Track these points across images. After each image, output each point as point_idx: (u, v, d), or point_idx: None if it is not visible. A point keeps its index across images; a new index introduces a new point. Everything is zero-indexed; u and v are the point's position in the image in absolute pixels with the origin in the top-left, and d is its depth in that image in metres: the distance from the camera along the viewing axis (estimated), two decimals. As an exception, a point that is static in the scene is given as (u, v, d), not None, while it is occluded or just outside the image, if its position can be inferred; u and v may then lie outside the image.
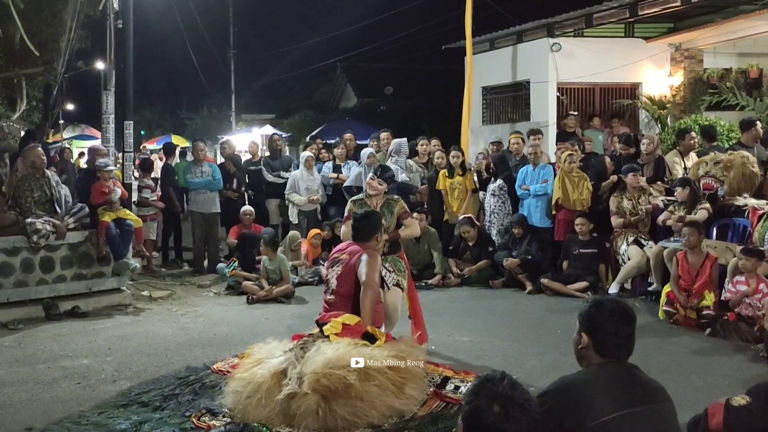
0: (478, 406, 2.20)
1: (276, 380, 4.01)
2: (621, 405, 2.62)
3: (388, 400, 3.94)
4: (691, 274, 7.01)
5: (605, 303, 2.89)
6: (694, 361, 5.81)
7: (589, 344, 2.84)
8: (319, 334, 4.35)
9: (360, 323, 4.48)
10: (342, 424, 3.83)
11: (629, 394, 2.69)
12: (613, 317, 2.81)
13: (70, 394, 5.04)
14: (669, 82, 14.05)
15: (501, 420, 2.15)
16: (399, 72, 28.13)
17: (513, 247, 9.15)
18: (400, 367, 4.09)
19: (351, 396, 3.84)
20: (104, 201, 8.15)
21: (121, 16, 10.58)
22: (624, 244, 8.32)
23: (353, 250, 5.06)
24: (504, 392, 2.21)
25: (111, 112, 10.73)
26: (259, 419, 3.93)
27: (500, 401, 2.18)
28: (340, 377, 3.85)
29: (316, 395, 3.84)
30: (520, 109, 15.19)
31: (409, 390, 4.09)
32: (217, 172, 10.42)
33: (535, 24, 14.59)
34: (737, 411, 3.01)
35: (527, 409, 2.19)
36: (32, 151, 7.97)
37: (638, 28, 14.28)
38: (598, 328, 2.81)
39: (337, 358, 4.00)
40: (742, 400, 3.04)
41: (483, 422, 2.18)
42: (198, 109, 35.98)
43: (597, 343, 2.82)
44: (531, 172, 9.46)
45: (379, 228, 5.23)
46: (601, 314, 2.83)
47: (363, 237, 5.17)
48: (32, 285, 7.57)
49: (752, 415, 2.97)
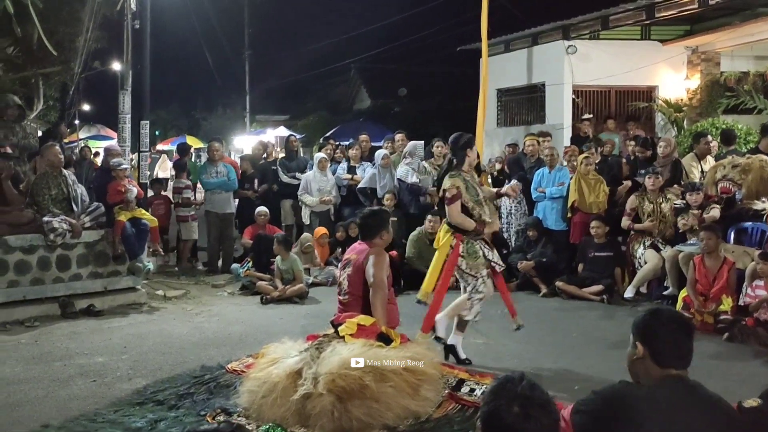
0: (498, 406, 2.19)
1: (291, 380, 4.01)
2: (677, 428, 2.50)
3: (403, 402, 3.92)
4: (708, 278, 6.95)
5: (663, 312, 2.74)
6: (712, 366, 5.75)
7: (646, 354, 2.67)
8: (334, 335, 4.34)
9: (375, 324, 4.47)
10: (357, 425, 3.81)
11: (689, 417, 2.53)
12: (672, 326, 2.65)
13: (86, 391, 5.06)
14: (685, 85, 13.95)
15: (520, 420, 2.13)
16: (413, 74, 28.12)
17: (528, 249, 9.12)
18: (415, 368, 4.08)
19: (366, 397, 3.83)
20: (120, 200, 8.21)
21: (138, 16, 10.65)
22: (640, 248, 8.27)
23: (361, 250, 5.04)
24: (523, 393, 2.19)
25: (127, 112, 10.80)
26: (274, 419, 3.92)
27: (519, 401, 2.16)
28: (355, 378, 3.84)
29: (332, 396, 3.83)
30: (535, 112, 15.13)
31: (425, 392, 4.07)
32: (232, 173, 10.45)
33: (550, 26, 14.53)
34: (748, 412, 2.97)
35: (547, 409, 2.17)
36: (50, 149, 8.03)
37: (655, 30, 14.19)
38: (656, 337, 2.64)
39: (351, 355, 3.99)
40: (754, 403, 3.00)
41: (502, 423, 2.16)
42: (212, 110, 36.20)
43: (655, 353, 2.65)
44: (547, 174, 9.42)
45: (385, 226, 5.08)
46: (659, 322, 2.66)
47: (368, 236, 5.05)
48: (48, 283, 7.62)
49: (764, 417, 2.94)
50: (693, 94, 13.79)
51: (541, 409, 2.16)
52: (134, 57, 10.77)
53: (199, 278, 9.66)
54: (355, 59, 29.69)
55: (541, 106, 14.85)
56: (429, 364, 4.22)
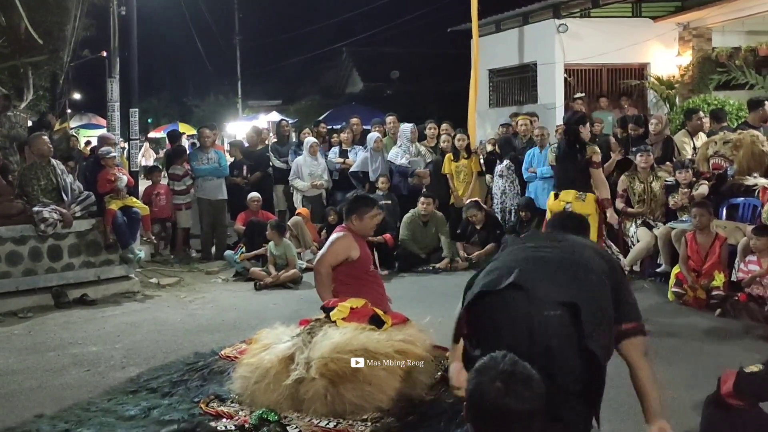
0: (480, 382, 2.19)
1: (284, 365, 4.01)
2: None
3: (395, 385, 3.93)
4: (700, 254, 6.96)
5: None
6: (705, 342, 5.78)
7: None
8: (326, 320, 4.34)
9: (366, 305, 4.46)
10: (350, 408, 3.83)
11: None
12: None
13: (80, 380, 5.06)
14: (677, 61, 13.92)
15: (502, 395, 2.14)
16: (405, 56, 27.98)
17: (521, 230, 9.11)
18: (408, 351, 4.08)
19: (359, 380, 3.84)
20: (111, 189, 8.17)
21: (125, 2, 10.54)
22: (633, 226, 8.27)
23: (336, 231, 5.08)
24: (505, 369, 2.19)
25: (116, 100, 10.72)
26: (267, 404, 3.93)
27: (501, 377, 2.17)
28: (347, 362, 3.85)
29: (324, 380, 3.83)
30: (527, 92, 15.10)
31: (417, 374, 4.08)
32: (223, 159, 10.41)
33: (541, 5, 14.46)
34: (749, 377, 3.00)
35: (529, 384, 2.17)
36: (39, 138, 7.97)
37: (645, 7, 14.14)
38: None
39: (345, 342, 3.99)
40: (755, 368, 3.04)
41: (485, 399, 2.17)
42: (204, 97, 35.99)
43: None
44: (538, 154, 9.41)
45: (358, 212, 5.01)
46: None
47: (343, 218, 5.19)
48: (41, 273, 7.60)
49: (764, 380, 2.97)
50: (685, 70, 13.76)
51: (523, 384, 2.16)
52: (121, 44, 10.68)
53: (192, 265, 9.64)
54: (347, 42, 29.54)
55: (533, 86, 14.82)
56: (421, 347, 4.22)
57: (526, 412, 2.14)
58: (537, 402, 2.16)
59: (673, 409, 4.20)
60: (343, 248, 4.93)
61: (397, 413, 3.88)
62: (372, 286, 5.00)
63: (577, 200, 6.56)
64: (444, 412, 3.87)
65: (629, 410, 3.93)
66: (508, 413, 2.13)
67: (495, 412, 2.15)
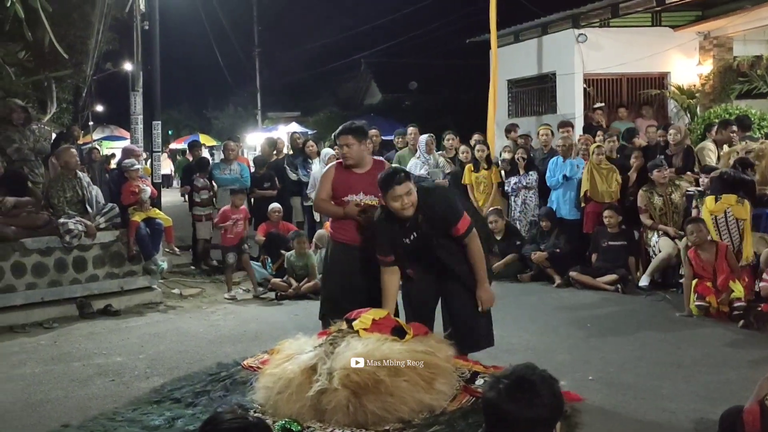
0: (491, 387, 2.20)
1: (306, 376, 4.03)
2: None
3: (417, 396, 3.94)
4: (707, 270, 6.87)
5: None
6: (727, 354, 5.73)
7: None
8: (348, 330, 4.37)
9: (388, 316, 4.48)
10: (372, 419, 3.84)
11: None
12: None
13: (105, 390, 5.12)
14: (698, 71, 13.84)
15: (505, 401, 2.13)
16: (423, 67, 28.06)
17: (541, 240, 9.10)
18: (429, 362, 4.09)
19: (381, 392, 3.85)
20: (134, 201, 8.27)
21: (148, 17, 10.69)
22: (654, 236, 8.23)
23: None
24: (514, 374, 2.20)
25: (139, 113, 10.87)
26: (289, 414, 3.95)
27: (508, 383, 2.17)
28: (369, 373, 3.86)
29: (346, 391, 3.85)
30: (546, 102, 15.07)
31: (439, 385, 4.08)
32: (245, 171, 10.48)
33: (560, 15, 14.45)
34: None
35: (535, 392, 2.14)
36: (66, 151, 8.13)
37: (665, 16, 14.07)
38: None
39: (367, 353, 4.01)
40: None
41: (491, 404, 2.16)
42: (224, 108, 36.30)
43: None
44: (561, 163, 9.37)
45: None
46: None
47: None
48: (66, 284, 7.70)
49: None
50: (706, 79, 13.67)
51: (528, 391, 2.14)
52: (144, 58, 10.83)
53: (213, 276, 9.71)
54: (365, 54, 29.67)
55: (552, 96, 14.79)
56: (443, 357, 4.23)
57: (528, 419, 2.12)
58: (540, 410, 2.13)
59: (695, 422, 4.20)
60: (326, 178, 5.18)
61: (419, 424, 3.89)
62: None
63: (737, 204, 7.14)
64: (467, 423, 3.87)
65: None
66: (510, 418, 2.13)
67: (499, 417, 2.16)
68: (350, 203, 5.04)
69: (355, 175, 5.13)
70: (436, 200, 4.63)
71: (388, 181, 4.49)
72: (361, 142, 5.11)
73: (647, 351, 5.81)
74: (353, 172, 5.13)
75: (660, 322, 6.78)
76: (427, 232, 4.60)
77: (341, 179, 5.13)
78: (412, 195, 4.48)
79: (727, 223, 7.16)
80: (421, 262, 4.78)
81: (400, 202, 4.45)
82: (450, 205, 4.67)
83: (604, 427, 4.21)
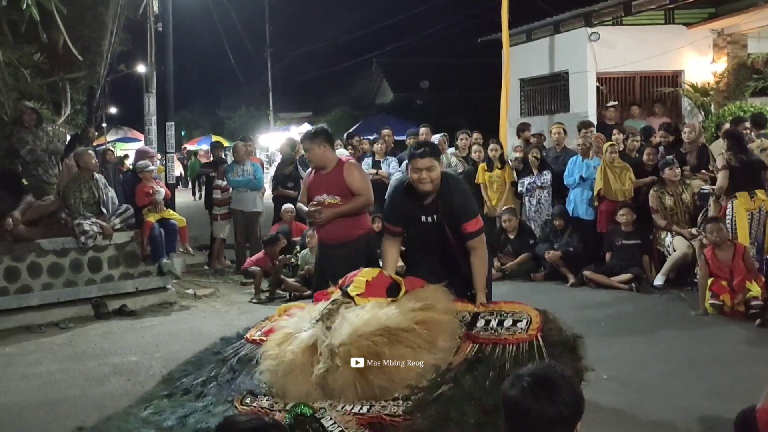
0: (512, 384, 2.20)
1: (307, 356, 3.93)
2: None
3: (421, 358, 3.86)
4: (724, 270, 6.83)
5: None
6: (742, 352, 5.71)
7: None
8: (344, 298, 4.23)
9: (381, 274, 4.39)
10: (380, 392, 3.78)
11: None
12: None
13: (121, 390, 5.16)
14: (712, 68, 13.75)
15: (526, 398, 2.13)
16: (435, 66, 28.05)
17: (554, 239, 9.08)
18: (429, 320, 3.99)
19: (384, 364, 3.78)
20: (149, 202, 8.33)
21: (161, 18, 10.74)
22: (668, 236, 8.19)
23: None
24: (535, 372, 2.20)
25: (153, 114, 10.94)
26: (299, 397, 3.86)
27: (529, 380, 2.16)
28: (369, 346, 3.80)
29: (350, 367, 3.80)
30: (559, 101, 15.03)
31: (441, 342, 3.95)
32: (259, 171, 10.51)
33: (572, 14, 14.40)
34: None
35: (556, 390, 2.14)
36: (85, 153, 8.22)
37: (678, 14, 13.99)
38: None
39: (364, 324, 3.93)
40: None
41: (512, 400, 2.17)
42: (236, 109, 36.38)
43: None
44: (580, 162, 9.34)
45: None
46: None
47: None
48: (81, 285, 7.77)
49: None
50: (720, 77, 13.57)
51: (550, 389, 2.14)
52: (158, 59, 10.89)
53: (227, 276, 9.76)
54: (377, 53, 29.69)
55: (564, 95, 14.74)
56: (442, 308, 4.12)
57: (550, 417, 2.12)
58: (563, 408, 2.12)
59: (709, 421, 4.18)
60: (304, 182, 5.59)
61: (426, 387, 3.83)
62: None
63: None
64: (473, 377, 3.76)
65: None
66: (533, 417, 2.13)
67: (521, 415, 2.15)
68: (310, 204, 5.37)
69: (321, 176, 5.34)
70: (456, 190, 4.64)
71: (413, 152, 4.59)
72: (321, 146, 5.29)
73: (661, 349, 5.79)
74: (320, 174, 5.35)
75: (674, 320, 6.75)
76: (443, 218, 4.61)
77: (313, 181, 5.40)
78: (434, 172, 4.50)
79: (760, 218, 7.19)
80: (433, 249, 4.74)
81: (418, 174, 4.50)
82: (467, 201, 4.69)
83: (618, 425, 4.20)
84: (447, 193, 4.59)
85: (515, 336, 3.83)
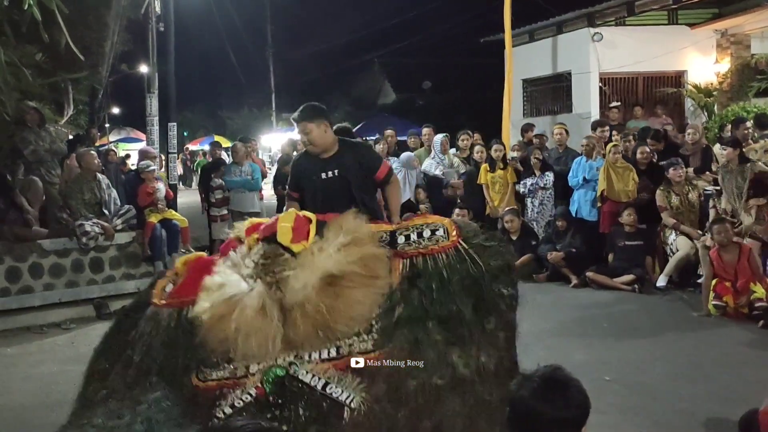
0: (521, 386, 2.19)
1: (260, 317, 3.72)
2: None
3: (369, 291, 3.85)
4: (728, 271, 6.81)
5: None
6: (746, 354, 5.68)
7: None
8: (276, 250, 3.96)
9: (297, 216, 4.12)
10: (343, 333, 3.73)
11: None
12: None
13: (122, 391, 5.12)
14: (715, 69, 13.71)
15: (536, 400, 2.13)
16: (437, 66, 28.02)
17: (557, 240, 9.05)
18: (364, 255, 3.92)
19: (340, 308, 3.74)
20: (150, 202, 8.32)
21: (163, 19, 10.74)
22: (672, 235, 8.16)
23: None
24: (545, 374, 2.19)
25: (155, 114, 10.93)
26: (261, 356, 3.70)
27: (539, 382, 2.16)
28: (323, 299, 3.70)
29: (309, 320, 3.73)
30: (562, 101, 15.00)
31: (380, 271, 3.92)
32: (257, 172, 10.49)
33: (575, 14, 14.37)
34: None
35: (566, 393, 2.14)
36: (88, 154, 8.25)
37: (682, 14, 13.95)
38: None
39: (309, 274, 3.82)
40: None
41: (520, 402, 2.16)
42: (238, 109, 36.39)
43: None
44: (584, 164, 9.31)
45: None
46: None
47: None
48: (83, 285, 7.77)
49: None
50: (723, 78, 13.54)
51: (560, 391, 2.14)
52: (160, 59, 10.89)
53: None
54: (379, 54, 29.67)
55: (567, 95, 14.71)
56: (368, 238, 4.00)
57: (559, 420, 2.11)
58: (573, 411, 2.12)
59: (713, 423, 4.16)
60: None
61: (381, 312, 3.76)
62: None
63: None
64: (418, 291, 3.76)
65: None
66: (543, 419, 2.11)
67: (530, 416, 2.14)
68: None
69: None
70: (353, 143, 5.08)
71: (296, 114, 4.73)
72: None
73: (664, 351, 5.77)
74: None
75: (677, 322, 6.73)
76: (346, 172, 4.71)
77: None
78: (311, 135, 4.64)
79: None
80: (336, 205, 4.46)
81: (301, 138, 4.83)
82: (369, 150, 5.31)
83: (622, 428, 4.18)
84: (347, 146, 4.81)
85: (439, 244, 3.86)
